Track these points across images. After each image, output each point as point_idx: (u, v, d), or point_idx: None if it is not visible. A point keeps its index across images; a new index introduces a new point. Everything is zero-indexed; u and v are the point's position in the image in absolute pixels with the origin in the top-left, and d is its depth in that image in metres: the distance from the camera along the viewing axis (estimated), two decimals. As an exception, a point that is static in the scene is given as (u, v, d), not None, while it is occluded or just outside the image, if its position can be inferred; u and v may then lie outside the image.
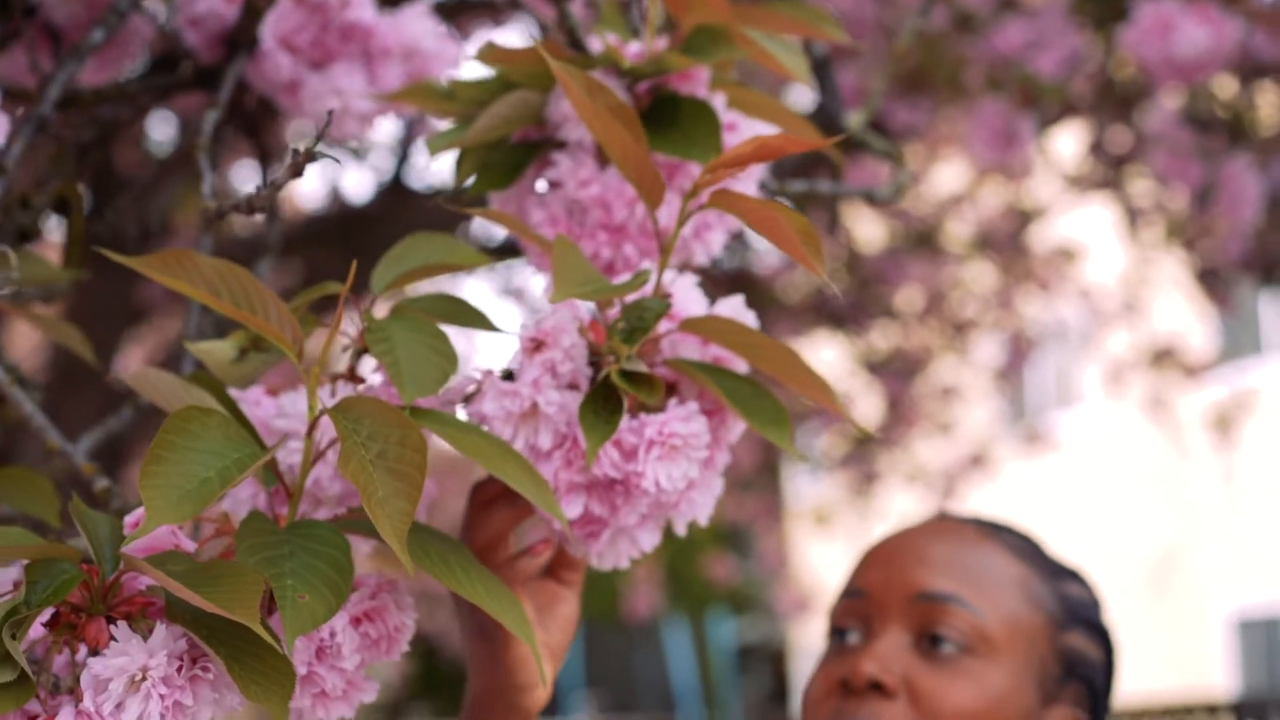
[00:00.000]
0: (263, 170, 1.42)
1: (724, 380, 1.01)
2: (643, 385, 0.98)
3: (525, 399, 0.98)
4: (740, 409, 1.00)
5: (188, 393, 0.97)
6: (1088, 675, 1.34)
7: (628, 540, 1.04)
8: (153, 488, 0.83)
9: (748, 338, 1.01)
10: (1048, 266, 7.73)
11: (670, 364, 1.03)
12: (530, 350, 0.99)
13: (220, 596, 0.83)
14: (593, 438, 0.95)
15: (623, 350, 0.98)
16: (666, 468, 0.98)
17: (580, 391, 0.99)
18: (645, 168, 1.00)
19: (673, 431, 0.98)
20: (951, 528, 1.37)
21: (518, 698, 1.10)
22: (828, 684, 1.33)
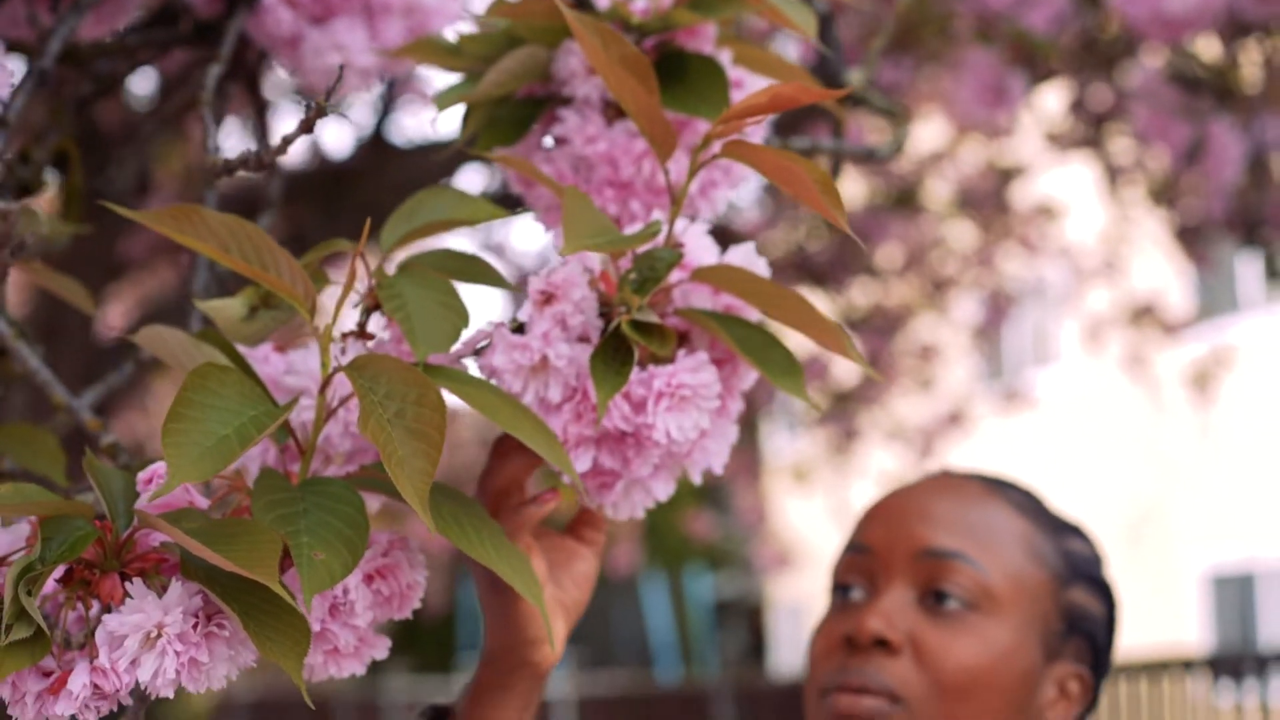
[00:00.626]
0: (260, 126, 1.41)
1: (736, 329, 1.01)
2: (654, 336, 0.97)
3: (535, 352, 0.97)
4: (752, 358, 1.00)
5: (198, 350, 0.96)
6: (1090, 631, 1.35)
7: (642, 491, 1.04)
8: (174, 445, 0.83)
9: (760, 286, 1.01)
10: (1028, 224, 7.74)
11: (682, 314, 1.02)
12: (540, 303, 0.99)
13: (237, 555, 0.82)
14: (603, 390, 0.95)
15: (634, 301, 0.97)
16: (677, 419, 0.98)
17: (591, 344, 0.99)
18: (658, 119, 0.99)
19: (681, 383, 0.98)
20: (955, 484, 1.38)
21: (528, 653, 1.10)
22: (832, 640, 1.33)
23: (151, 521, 0.85)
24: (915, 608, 1.31)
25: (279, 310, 1.03)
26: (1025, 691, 1.30)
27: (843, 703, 1.28)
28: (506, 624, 1.10)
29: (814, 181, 0.95)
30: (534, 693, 1.13)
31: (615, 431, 0.99)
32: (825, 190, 0.95)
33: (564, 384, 0.98)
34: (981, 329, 8.93)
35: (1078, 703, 1.34)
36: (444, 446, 0.86)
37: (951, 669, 1.28)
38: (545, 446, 0.92)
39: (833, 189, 0.95)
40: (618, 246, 0.97)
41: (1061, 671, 1.33)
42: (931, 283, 7.84)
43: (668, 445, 0.99)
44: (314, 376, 1.00)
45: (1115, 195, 6.64)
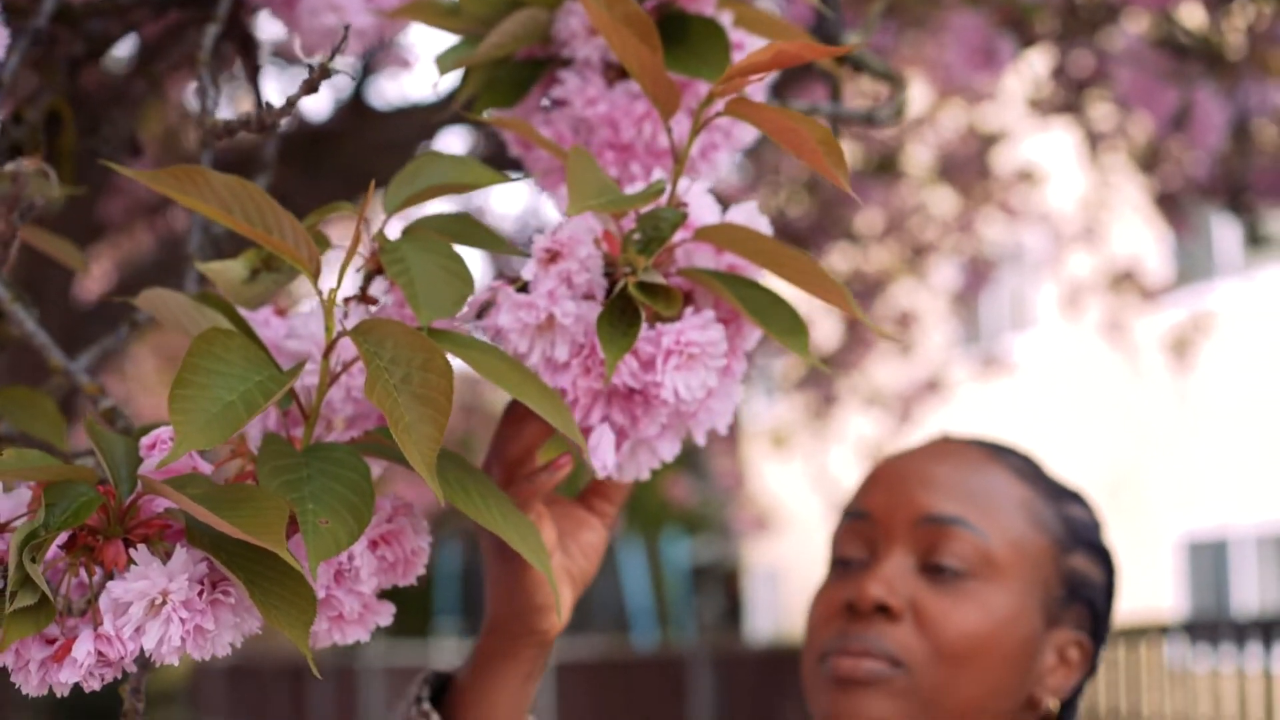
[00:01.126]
0: (255, 87, 1.39)
1: (740, 288, 1.00)
2: (660, 296, 0.97)
3: (541, 310, 0.97)
4: (757, 317, 0.99)
5: (200, 313, 0.95)
6: (1090, 597, 1.35)
7: (648, 452, 1.04)
8: (181, 411, 0.82)
9: (763, 245, 1.00)
10: (1008, 190, 7.75)
11: (685, 273, 1.02)
12: (545, 261, 0.98)
13: (244, 521, 0.82)
14: (611, 350, 0.94)
15: (639, 261, 0.96)
16: (685, 377, 0.97)
17: (596, 302, 0.98)
18: (661, 79, 0.98)
19: (690, 340, 0.97)
20: (956, 449, 1.37)
21: (534, 620, 1.10)
22: (832, 606, 1.33)
23: (157, 488, 0.84)
24: (916, 574, 1.31)
25: (280, 273, 1.02)
26: (1026, 658, 1.30)
27: (844, 665, 1.28)
28: (512, 591, 1.09)
29: (817, 141, 0.94)
30: (538, 661, 1.13)
31: (623, 389, 0.99)
32: (828, 150, 0.94)
33: (571, 342, 0.98)
34: (960, 295, 8.95)
35: (1077, 669, 1.34)
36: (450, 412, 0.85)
37: (953, 635, 1.27)
38: (552, 411, 0.92)
39: (836, 149, 0.94)
40: (622, 206, 0.96)
41: (1061, 638, 1.33)
42: (911, 248, 7.85)
43: (676, 404, 0.98)
44: (316, 341, 0.99)
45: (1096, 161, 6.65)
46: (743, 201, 1.06)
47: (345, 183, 3.58)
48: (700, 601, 20.76)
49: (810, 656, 1.33)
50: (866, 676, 1.27)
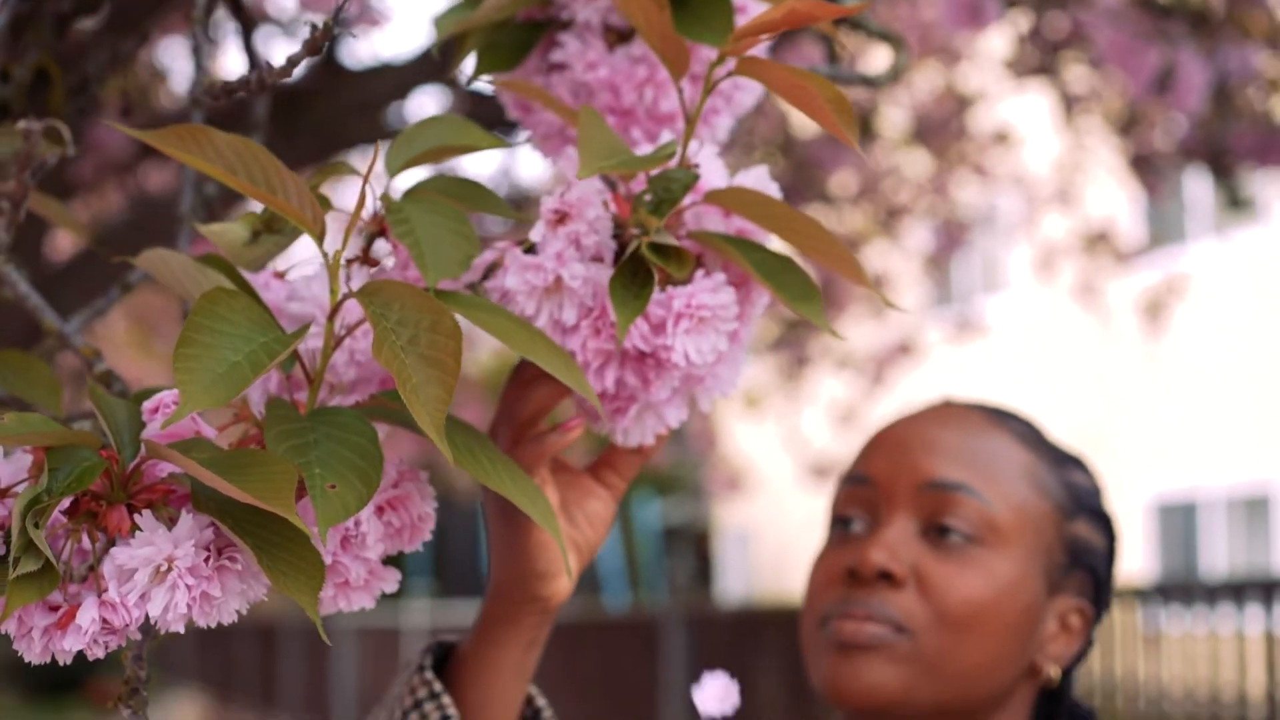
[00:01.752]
0: (248, 46, 1.37)
1: (751, 253, 0.99)
2: (672, 258, 0.96)
3: (549, 272, 0.95)
4: (769, 282, 0.98)
5: (202, 274, 0.94)
6: (1091, 564, 1.34)
7: (654, 416, 1.03)
8: (186, 371, 0.81)
9: (774, 209, 0.99)
10: (983, 152, 7.75)
11: (695, 236, 1.00)
12: (553, 223, 0.96)
13: (252, 485, 0.80)
14: (624, 312, 0.93)
15: (651, 222, 0.95)
16: (695, 341, 0.96)
17: (605, 264, 0.97)
18: (671, 38, 0.97)
19: (701, 303, 0.96)
20: (959, 414, 1.36)
21: (536, 586, 1.08)
22: (833, 572, 1.32)
23: (161, 452, 0.83)
24: (918, 540, 1.30)
25: (282, 235, 1.00)
26: (1028, 625, 1.29)
27: (846, 629, 1.28)
28: (515, 556, 1.08)
29: (827, 101, 0.93)
30: (541, 629, 1.12)
31: (634, 352, 0.98)
32: (839, 110, 0.93)
33: (579, 304, 0.96)
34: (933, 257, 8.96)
35: (1079, 637, 1.33)
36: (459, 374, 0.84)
37: (956, 602, 1.27)
38: (563, 370, 0.91)
39: (846, 108, 0.93)
40: (634, 168, 0.94)
41: (1063, 605, 1.33)
42: (885, 210, 7.85)
43: (687, 368, 0.97)
44: (319, 303, 0.98)
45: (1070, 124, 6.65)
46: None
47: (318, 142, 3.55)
48: (672, 563, 20.81)
49: (810, 621, 1.33)
50: (869, 641, 1.27)
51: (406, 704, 1.11)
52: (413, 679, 1.12)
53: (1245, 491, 13.32)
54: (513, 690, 1.12)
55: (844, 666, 1.28)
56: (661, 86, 1.12)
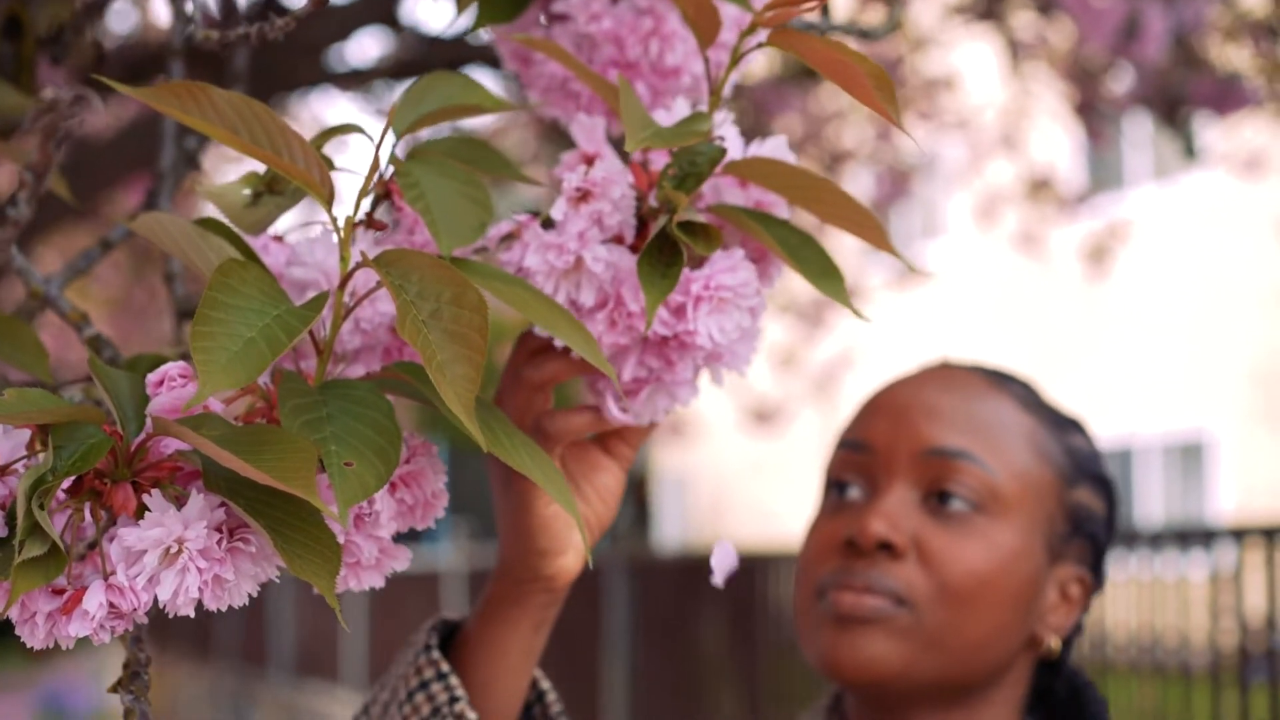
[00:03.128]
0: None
1: (773, 228, 0.96)
2: (699, 236, 0.92)
3: (571, 254, 0.92)
4: (791, 258, 0.95)
5: (203, 240, 0.89)
6: (1092, 531, 1.31)
7: (666, 395, 1.00)
8: (202, 350, 0.77)
9: (797, 179, 0.95)
10: (928, 98, 7.74)
11: (715, 210, 0.97)
12: (575, 200, 0.93)
13: (269, 465, 0.76)
14: (652, 295, 0.89)
15: (679, 199, 0.91)
16: (718, 320, 0.93)
17: (624, 243, 0.93)
18: (704, 6, 0.93)
19: (720, 284, 0.93)
20: (960, 377, 1.32)
21: (541, 564, 1.05)
22: (829, 541, 1.28)
23: (172, 429, 0.79)
24: (919, 509, 1.26)
25: (284, 196, 0.96)
26: (1029, 595, 1.26)
27: (845, 601, 1.24)
28: (519, 533, 1.05)
29: (868, 76, 0.89)
30: (548, 609, 1.08)
31: (655, 337, 0.94)
32: (880, 85, 0.90)
33: (598, 287, 0.93)
34: (876, 203, 8.96)
35: (1078, 606, 1.30)
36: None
37: (958, 573, 1.23)
38: (583, 346, 0.87)
39: (888, 84, 0.90)
40: (676, 142, 0.90)
41: (1064, 574, 1.30)
42: (829, 156, 7.82)
43: (712, 348, 0.94)
44: (323, 269, 0.94)
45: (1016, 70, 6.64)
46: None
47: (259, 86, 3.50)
48: (611, 508, 20.77)
49: (805, 592, 1.29)
50: (869, 614, 1.23)
51: (413, 684, 1.07)
52: (419, 659, 1.08)
53: (1180, 439, 13.46)
54: (520, 671, 1.09)
55: (842, 640, 1.24)
56: (667, 40, 1.08)
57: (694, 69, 1.10)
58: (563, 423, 1.03)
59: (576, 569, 1.07)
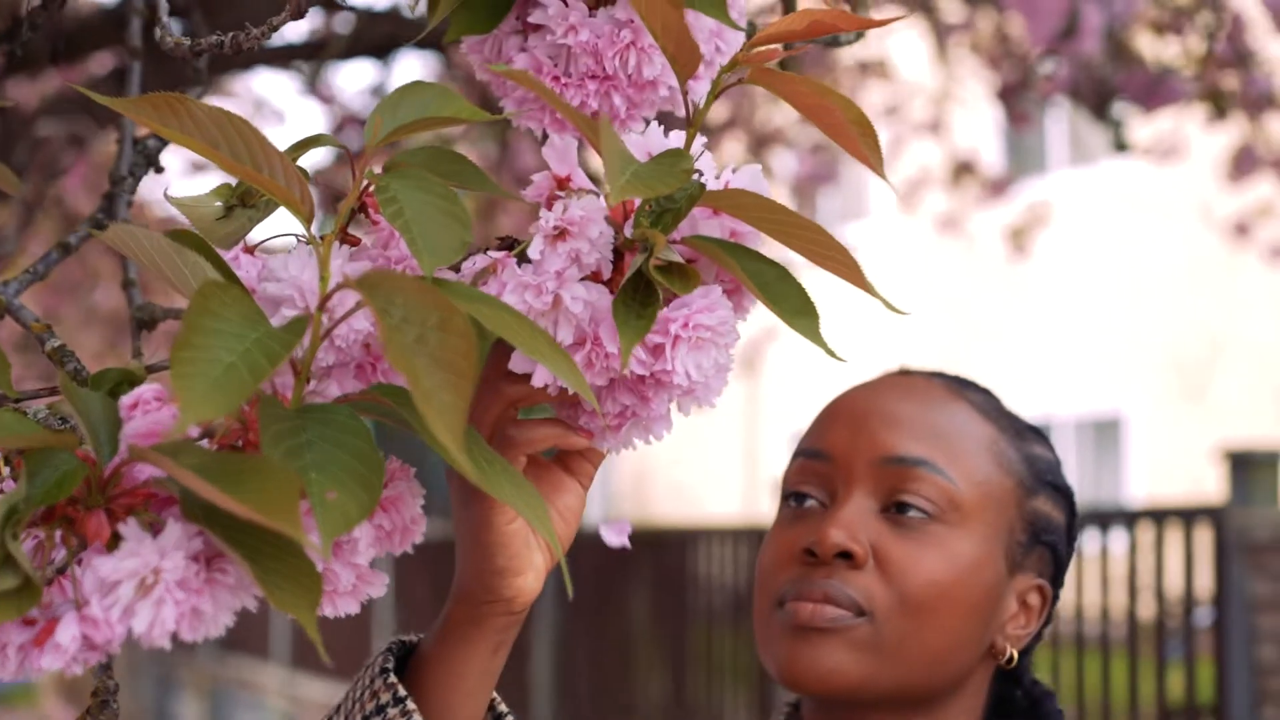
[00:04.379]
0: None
1: (747, 261, 0.94)
2: (676, 276, 0.90)
3: (549, 294, 0.90)
4: (765, 294, 0.93)
5: (178, 254, 0.87)
6: (1052, 541, 1.31)
7: (641, 430, 0.98)
8: (182, 377, 0.74)
9: (775, 214, 0.94)
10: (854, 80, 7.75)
11: (690, 242, 0.95)
12: (553, 238, 0.90)
13: (251, 498, 0.74)
14: (627, 336, 0.87)
15: (657, 239, 0.89)
16: (696, 358, 0.91)
17: (602, 284, 0.91)
18: (685, 40, 0.91)
19: (699, 324, 0.91)
20: (918, 385, 1.32)
21: (499, 584, 1.03)
22: (788, 551, 1.27)
23: (148, 457, 0.76)
24: (878, 518, 1.26)
25: (257, 209, 0.94)
26: (989, 605, 1.26)
27: (804, 611, 1.23)
28: (478, 551, 1.02)
29: (851, 122, 0.88)
30: (507, 631, 1.06)
31: (632, 375, 0.93)
32: (863, 132, 0.88)
33: (575, 326, 0.90)
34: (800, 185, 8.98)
35: (1037, 615, 1.31)
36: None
37: (917, 583, 1.23)
38: (569, 375, 0.85)
39: (870, 131, 0.88)
40: (662, 190, 0.88)
41: (1023, 584, 1.30)
42: (755, 138, 7.83)
43: (689, 385, 0.93)
44: (298, 285, 0.91)
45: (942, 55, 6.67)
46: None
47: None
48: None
49: (764, 603, 1.28)
50: (828, 624, 1.22)
51: (369, 708, 1.05)
52: (375, 682, 1.06)
53: (1096, 417, 13.61)
54: (478, 693, 1.06)
55: (802, 650, 1.23)
56: (645, 53, 1.06)
57: (671, 81, 1.08)
58: (529, 433, 1.01)
59: (535, 590, 1.05)
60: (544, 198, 1.00)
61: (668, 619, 8.19)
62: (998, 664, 1.31)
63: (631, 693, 8.36)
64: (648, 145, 0.96)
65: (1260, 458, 5.28)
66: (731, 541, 7.84)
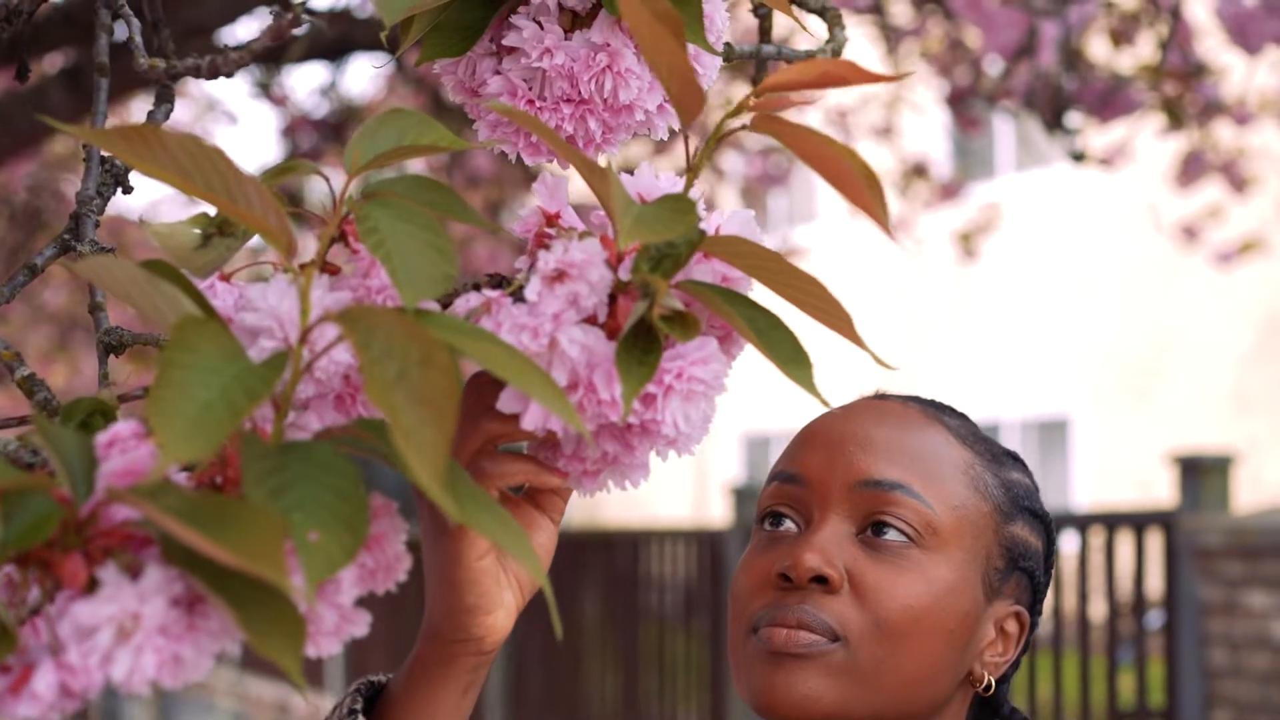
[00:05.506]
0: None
1: (741, 308, 0.92)
2: (678, 325, 0.89)
3: (546, 336, 0.88)
4: (760, 341, 0.91)
5: (153, 287, 0.84)
6: (1029, 568, 1.30)
7: (620, 476, 0.97)
8: (159, 415, 0.72)
9: (769, 263, 0.92)
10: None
11: (684, 287, 0.93)
12: (550, 279, 0.89)
13: (234, 542, 0.72)
14: (629, 384, 0.85)
15: (659, 286, 0.88)
16: (685, 409, 0.89)
17: (596, 321, 0.90)
18: (689, 81, 0.89)
19: (693, 376, 0.89)
20: (894, 409, 1.31)
21: (468, 623, 1.00)
22: (762, 576, 1.26)
23: (128, 499, 0.74)
24: (853, 542, 1.24)
25: (234, 238, 0.91)
26: (966, 632, 1.25)
27: (778, 637, 1.22)
28: (447, 588, 1.00)
29: (857, 175, 0.87)
30: (478, 671, 1.04)
31: (621, 423, 0.91)
32: (871, 185, 0.87)
33: (570, 370, 0.89)
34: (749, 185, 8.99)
35: (1015, 644, 1.30)
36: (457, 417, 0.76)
37: (894, 608, 1.22)
38: (558, 405, 0.83)
39: (878, 185, 0.87)
40: (674, 233, 0.86)
41: (1001, 611, 1.29)
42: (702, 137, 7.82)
43: (676, 436, 0.91)
44: (277, 316, 0.88)
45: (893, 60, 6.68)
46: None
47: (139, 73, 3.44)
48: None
49: (738, 630, 1.26)
50: (802, 650, 1.21)
51: None
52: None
53: (1042, 419, 13.68)
54: None
55: (776, 676, 1.22)
56: (622, 76, 1.05)
57: (647, 105, 1.07)
58: (503, 467, 1.00)
59: (506, 629, 1.02)
60: (532, 234, 0.99)
61: (619, 620, 8.19)
62: (976, 691, 1.30)
63: (583, 693, 8.35)
64: (637, 186, 0.94)
65: (1211, 463, 5.32)
66: (683, 542, 7.84)
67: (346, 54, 5.45)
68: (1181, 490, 5.34)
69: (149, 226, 0.90)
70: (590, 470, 0.96)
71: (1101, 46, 4.42)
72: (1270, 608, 5.10)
